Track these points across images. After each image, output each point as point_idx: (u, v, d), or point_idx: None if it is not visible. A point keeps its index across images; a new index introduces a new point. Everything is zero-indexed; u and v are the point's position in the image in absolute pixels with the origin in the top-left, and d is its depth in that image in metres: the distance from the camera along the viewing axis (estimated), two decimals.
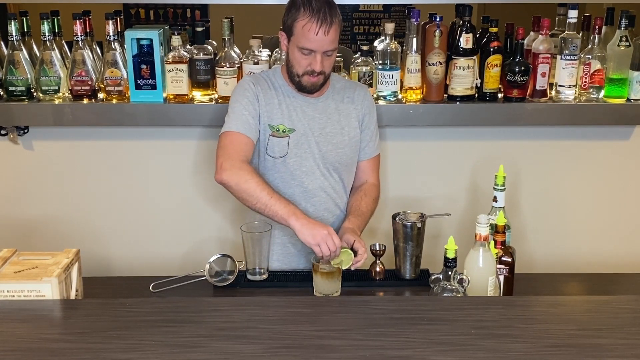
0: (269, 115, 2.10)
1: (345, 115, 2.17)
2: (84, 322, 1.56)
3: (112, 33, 2.36)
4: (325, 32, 1.97)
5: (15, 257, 1.76)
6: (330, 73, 2.11)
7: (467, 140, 2.64)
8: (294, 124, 2.11)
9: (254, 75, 2.23)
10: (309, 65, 2.02)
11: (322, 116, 2.14)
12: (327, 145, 2.13)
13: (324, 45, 2.00)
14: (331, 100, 2.17)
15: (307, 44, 1.99)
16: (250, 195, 1.97)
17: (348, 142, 2.16)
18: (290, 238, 2.21)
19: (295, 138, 2.11)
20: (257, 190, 1.96)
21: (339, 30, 2.02)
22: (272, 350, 1.42)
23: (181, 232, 2.72)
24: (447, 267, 1.73)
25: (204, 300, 1.84)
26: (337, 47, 2.06)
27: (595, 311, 1.66)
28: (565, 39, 2.41)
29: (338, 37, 2.03)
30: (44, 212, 2.67)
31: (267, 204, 1.95)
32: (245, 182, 1.97)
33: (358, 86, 2.25)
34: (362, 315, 1.58)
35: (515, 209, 2.63)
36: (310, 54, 2.01)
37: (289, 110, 2.12)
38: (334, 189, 2.19)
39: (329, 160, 2.14)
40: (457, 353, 1.42)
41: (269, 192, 1.96)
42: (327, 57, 2.03)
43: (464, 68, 2.42)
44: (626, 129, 2.64)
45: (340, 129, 2.15)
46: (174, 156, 2.65)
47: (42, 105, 2.44)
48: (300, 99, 2.14)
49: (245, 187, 1.97)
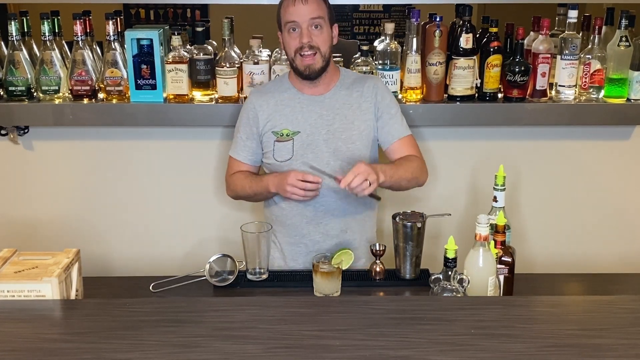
0: (272, 123, 2.14)
1: (355, 108, 2.14)
2: (84, 322, 1.56)
3: (112, 33, 2.36)
4: (304, 1, 2.00)
5: (15, 257, 1.76)
6: (328, 54, 2.08)
7: (467, 140, 2.64)
8: (299, 125, 2.12)
9: (259, 87, 2.29)
10: (298, 41, 2.03)
11: (329, 113, 2.13)
12: (336, 141, 2.12)
13: (305, 14, 2.01)
14: (339, 96, 2.15)
15: (289, 17, 2.03)
16: (246, 195, 2.22)
17: (358, 136, 2.13)
18: (290, 238, 2.21)
19: (300, 140, 2.12)
20: (243, 189, 2.19)
21: (322, 3, 2.04)
22: (272, 350, 1.42)
23: (181, 232, 2.72)
24: (447, 267, 1.73)
25: (204, 300, 1.84)
26: (326, 20, 2.05)
27: (595, 311, 1.66)
28: (565, 39, 2.41)
29: (323, 9, 2.04)
30: (44, 212, 2.67)
31: (254, 191, 2.16)
32: (234, 190, 2.22)
33: (368, 78, 2.22)
34: (362, 315, 1.58)
35: (515, 209, 2.64)
36: (297, 29, 2.03)
37: (294, 113, 2.13)
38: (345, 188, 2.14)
39: (340, 156, 2.12)
40: (457, 353, 1.42)
41: (249, 182, 2.16)
42: (315, 29, 2.03)
43: (464, 68, 2.42)
44: (626, 129, 2.64)
45: (349, 123, 2.13)
46: (174, 156, 2.65)
47: (42, 105, 2.44)
48: (306, 98, 2.14)
49: (237, 193, 2.22)
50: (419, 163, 2.17)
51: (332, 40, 2.10)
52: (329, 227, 2.17)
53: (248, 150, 2.20)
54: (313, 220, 2.16)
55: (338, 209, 2.17)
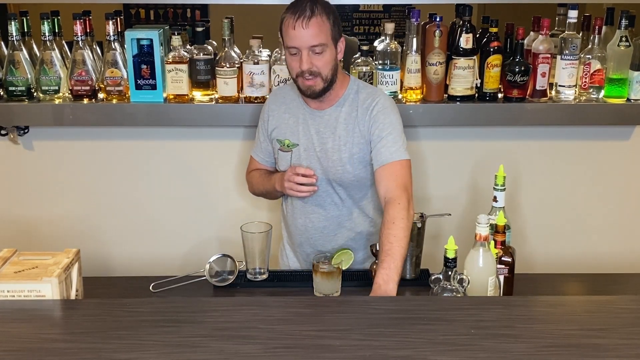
0: (278, 130, 2.13)
1: (349, 130, 2.03)
2: (84, 322, 1.56)
3: (112, 33, 2.36)
4: (304, 26, 1.88)
5: (15, 257, 1.76)
6: (331, 76, 1.97)
7: (467, 140, 2.64)
8: (299, 138, 2.08)
9: (277, 89, 2.25)
10: (299, 66, 1.94)
11: (327, 130, 2.05)
12: (327, 161, 2.05)
13: (306, 40, 1.89)
14: (339, 113, 2.05)
15: (289, 41, 1.92)
16: (260, 193, 2.24)
17: (348, 159, 2.03)
18: (290, 238, 2.21)
19: (297, 153, 2.09)
20: (257, 187, 2.22)
21: (325, 25, 1.91)
22: (272, 350, 1.42)
23: (181, 232, 2.72)
24: (447, 267, 1.73)
25: (204, 300, 1.84)
26: (328, 45, 1.93)
27: (595, 311, 1.66)
28: (565, 39, 2.41)
29: (326, 34, 1.91)
30: (44, 212, 2.67)
31: (266, 189, 2.18)
32: (251, 187, 2.26)
33: (373, 97, 2.05)
34: (362, 315, 1.58)
35: (515, 209, 2.64)
36: (297, 53, 1.93)
37: (297, 124, 2.09)
38: (337, 206, 2.10)
39: (331, 176, 2.07)
40: (457, 353, 1.42)
41: (262, 180, 2.19)
42: (315, 55, 1.92)
43: (464, 68, 2.42)
44: (626, 129, 2.64)
45: (342, 144, 2.03)
46: (174, 156, 2.65)
47: (42, 105, 2.44)
48: (308, 112, 2.08)
49: (254, 190, 2.26)
50: (402, 215, 1.89)
51: (336, 60, 1.99)
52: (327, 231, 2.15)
53: (263, 151, 2.20)
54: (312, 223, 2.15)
55: (350, 223, 2.14)
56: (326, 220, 2.11)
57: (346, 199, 2.10)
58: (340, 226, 2.13)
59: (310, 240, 2.16)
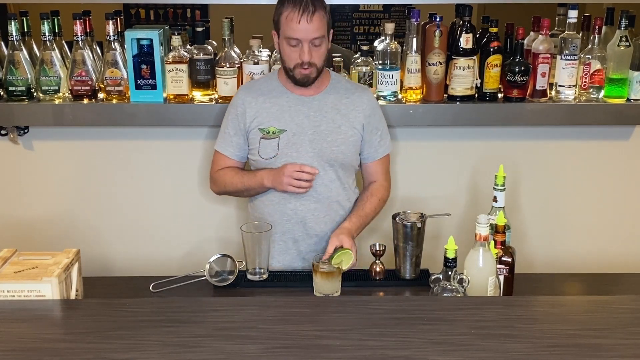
0: (259, 120, 2.16)
1: (344, 114, 2.16)
2: (84, 322, 1.56)
3: (112, 33, 2.36)
4: (308, 20, 2.00)
5: (15, 257, 1.76)
6: (322, 66, 2.11)
7: (467, 140, 2.64)
8: (285, 124, 2.14)
9: (249, 83, 2.30)
10: (299, 57, 2.05)
11: (317, 114, 2.15)
12: (321, 142, 2.14)
13: (309, 33, 2.02)
14: (329, 98, 2.17)
15: (292, 33, 2.03)
16: (234, 190, 2.22)
17: (344, 140, 2.16)
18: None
19: (286, 138, 2.13)
20: (233, 184, 2.20)
21: (324, 19, 2.05)
22: (272, 350, 1.42)
23: (181, 232, 2.72)
24: (447, 267, 1.73)
25: (204, 300, 1.84)
26: (325, 37, 2.07)
27: (595, 311, 1.66)
28: (565, 39, 2.41)
29: (324, 27, 2.05)
30: (44, 212, 2.67)
31: (246, 186, 2.18)
32: (223, 185, 2.23)
33: (360, 89, 2.25)
34: (362, 315, 1.58)
35: (515, 209, 2.63)
36: (298, 45, 2.04)
37: (281, 111, 2.15)
38: (328, 187, 2.17)
39: (324, 157, 2.15)
40: (457, 353, 1.42)
41: (240, 177, 2.18)
42: (314, 47, 2.05)
43: (464, 68, 2.42)
44: (626, 129, 2.64)
45: (336, 127, 2.15)
46: (174, 156, 2.65)
47: (42, 105, 2.44)
48: (294, 98, 2.16)
49: (225, 188, 2.23)
50: (382, 196, 2.26)
51: (327, 50, 2.12)
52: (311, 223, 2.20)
53: (235, 146, 2.21)
54: (293, 217, 2.19)
55: (338, 207, 2.22)
56: (317, 202, 2.18)
57: (335, 180, 2.19)
58: (330, 208, 2.20)
59: (301, 223, 2.19)
